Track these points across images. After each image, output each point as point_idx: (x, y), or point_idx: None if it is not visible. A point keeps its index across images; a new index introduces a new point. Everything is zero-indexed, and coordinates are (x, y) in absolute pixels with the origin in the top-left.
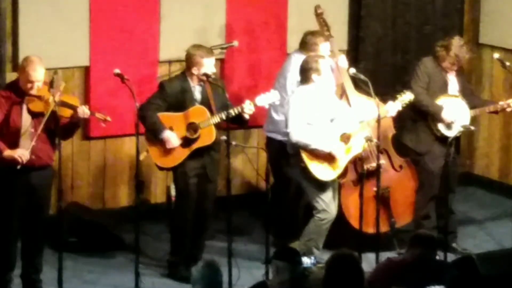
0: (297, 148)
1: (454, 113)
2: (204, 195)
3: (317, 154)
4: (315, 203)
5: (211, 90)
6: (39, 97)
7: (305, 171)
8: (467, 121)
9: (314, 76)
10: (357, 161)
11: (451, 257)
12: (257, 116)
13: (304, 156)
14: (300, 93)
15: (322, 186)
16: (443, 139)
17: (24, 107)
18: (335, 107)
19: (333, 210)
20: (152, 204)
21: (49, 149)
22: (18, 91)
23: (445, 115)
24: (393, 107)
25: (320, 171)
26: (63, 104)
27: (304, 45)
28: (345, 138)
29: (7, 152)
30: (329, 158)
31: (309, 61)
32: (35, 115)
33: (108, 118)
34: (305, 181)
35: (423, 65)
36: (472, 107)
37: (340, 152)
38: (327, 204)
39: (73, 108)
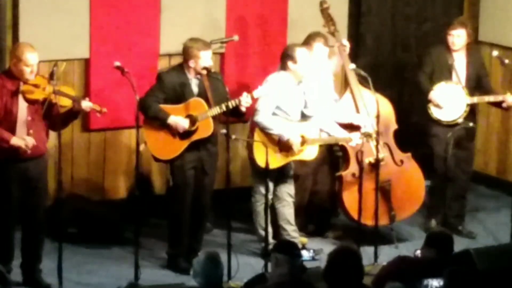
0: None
1: (445, 97)
2: (201, 188)
3: (270, 139)
4: (254, 184)
5: (209, 83)
6: (35, 85)
7: (251, 150)
8: (461, 109)
9: (290, 63)
10: (358, 154)
11: (456, 239)
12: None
13: (256, 136)
14: (276, 77)
15: (265, 172)
16: (448, 125)
17: (20, 95)
18: (308, 98)
19: (268, 196)
20: (152, 196)
21: (44, 138)
22: (13, 80)
23: (432, 96)
24: (355, 139)
25: (262, 156)
26: (61, 93)
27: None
28: (302, 141)
29: (14, 140)
30: (280, 146)
31: (287, 48)
32: (31, 103)
33: (104, 110)
34: (252, 161)
35: (429, 53)
36: (479, 93)
37: (297, 143)
38: (264, 189)
39: (73, 98)
